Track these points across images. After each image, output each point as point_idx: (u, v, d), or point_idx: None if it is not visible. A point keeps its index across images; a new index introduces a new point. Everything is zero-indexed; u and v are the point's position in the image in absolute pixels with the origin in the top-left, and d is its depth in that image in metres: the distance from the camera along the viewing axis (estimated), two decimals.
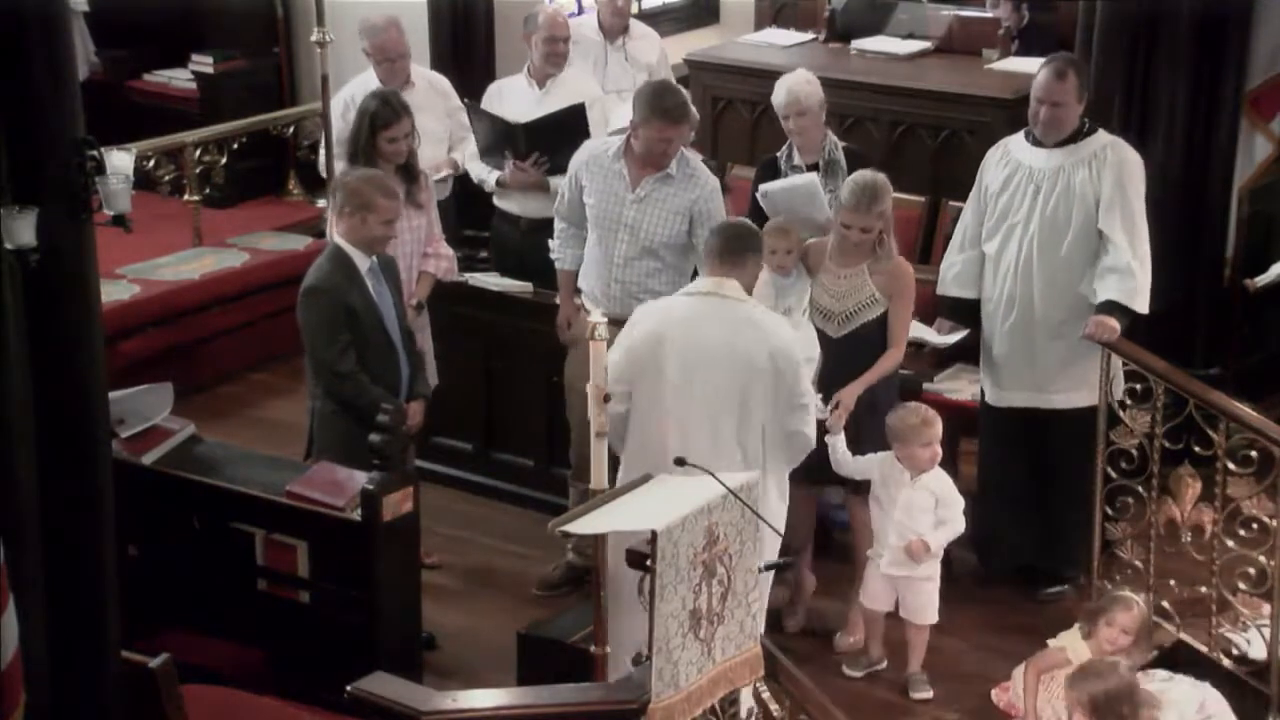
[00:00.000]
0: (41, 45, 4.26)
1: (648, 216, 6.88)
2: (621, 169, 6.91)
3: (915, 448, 6.44)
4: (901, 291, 6.71)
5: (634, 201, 6.88)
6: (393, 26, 8.29)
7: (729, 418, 5.82)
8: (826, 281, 6.75)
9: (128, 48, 10.98)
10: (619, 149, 6.93)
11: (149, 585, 6.09)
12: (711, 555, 4.63)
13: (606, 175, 6.94)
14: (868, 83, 9.47)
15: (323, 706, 5.64)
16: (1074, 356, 6.75)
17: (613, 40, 9.09)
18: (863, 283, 6.70)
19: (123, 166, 4.59)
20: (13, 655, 4.20)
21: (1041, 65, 6.88)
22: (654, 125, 6.75)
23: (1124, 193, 6.73)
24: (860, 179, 6.73)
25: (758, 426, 5.86)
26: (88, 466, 4.53)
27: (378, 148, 7.15)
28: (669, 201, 6.87)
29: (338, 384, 6.45)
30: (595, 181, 6.96)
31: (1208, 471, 6.39)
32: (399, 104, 7.25)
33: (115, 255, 8.50)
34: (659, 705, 4.56)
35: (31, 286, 4.29)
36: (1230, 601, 6.38)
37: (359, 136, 7.18)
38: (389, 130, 7.14)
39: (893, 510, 6.48)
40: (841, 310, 6.72)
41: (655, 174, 6.86)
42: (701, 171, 6.97)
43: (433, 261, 7.30)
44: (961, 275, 7.06)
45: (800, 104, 7.44)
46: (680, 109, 6.81)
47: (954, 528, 6.51)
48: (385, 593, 5.96)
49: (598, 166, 6.97)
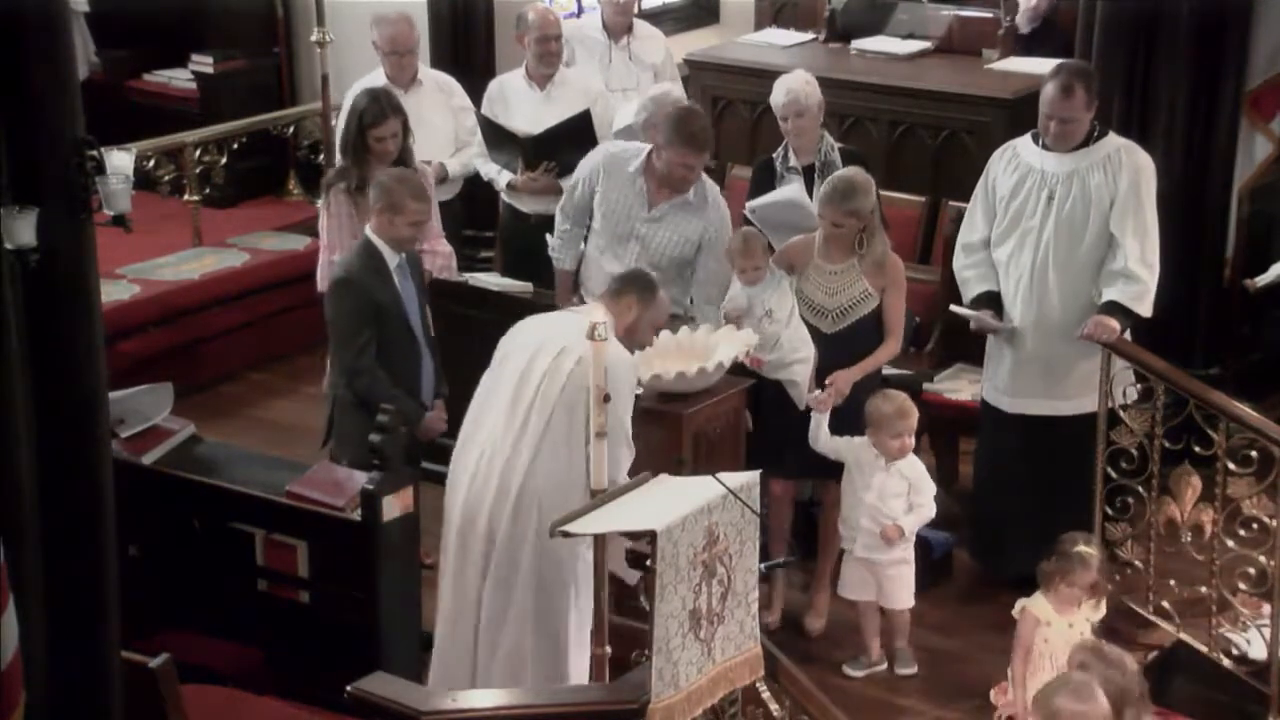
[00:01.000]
0: (41, 45, 4.25)
1: (659, 235, 6.97)
2: (641, 187, 6.95)
3: (885, 437, 6.49)
4: (894, 283, 6.74)
5: (648, 220, 6.95)
6: (404, 20, 8.33)
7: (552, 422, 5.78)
8: (817, 278, 6.77)
9: (128, 48, 10.97)
10: (640, 165, 6.95)
11: (149, 585, 6.09)
12: (711, 555, 4.64)
13: (625, 188, 6.98)
14: (868, 83, 9.46)
15: (323, 706, 5.64)
16: (1089, 363, 6.69)
17: (617, 40, 9.10)
18: (855, 278, 6.71)
19: (123, 166, 4.58)
20: (13, 655, 4.19)
21: (1049, 77, 6.80)
22: (676, 150, 6.80)
23: (1138, 196, 6.71)
24: (839, 174, 6.84)
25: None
26: (88, 466, 4.53)
27: (367, 146, 7.17)
28: (683, 226, 6.96)
29: (354, 378, 6.47)
30: (612, 190, 7.00)
31: (1208, 471, 6.39)
32: (389, 103, 7.26)
33: (115, 255, 8.49)
34: (659, 705, 4.57)
35: (31, 286, 4.28)
36: (1230, 601, 6.38)
37: (349, 134, 7.21)
38: (377, 129, 7.15)
39: (865, 494, 6.53)
40: (835, 306, 6.73)
41: (674, 198, 6.90)
42: (717, 201, 7.02)
43: (428, 258, 7.31)
44: (983, 275, 6.95)
45: (799, 105, 7.45)
46: (704, 136, 6.86)
47: (925, 512, 6.58)
48: (385, 593, 5.95)
49: (618, 176, 7.00)
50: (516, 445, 5.71)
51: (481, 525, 5.75)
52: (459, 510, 5.81)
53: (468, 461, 5.83)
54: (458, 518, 5.81)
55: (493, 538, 5.73)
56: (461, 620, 5.81)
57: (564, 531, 4.85)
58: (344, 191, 7.19)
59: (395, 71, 8.25)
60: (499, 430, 5.77)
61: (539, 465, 5.67)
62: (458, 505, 5.81)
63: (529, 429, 5.70)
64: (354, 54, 8.83)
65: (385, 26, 8.28)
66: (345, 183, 7.18)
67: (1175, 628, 6.55)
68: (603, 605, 5.00)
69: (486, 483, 5.74)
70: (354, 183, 7.15)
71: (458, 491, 5.82)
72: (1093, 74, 6.89)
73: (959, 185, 8.59)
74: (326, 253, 7.29)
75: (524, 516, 5.67)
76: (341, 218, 7.21)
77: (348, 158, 7.22)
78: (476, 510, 5.76)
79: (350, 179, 7.17)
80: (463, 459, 5.86)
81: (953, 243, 7.29)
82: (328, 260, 7.24)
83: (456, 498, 5.83)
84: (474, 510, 5.76)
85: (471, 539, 5.77)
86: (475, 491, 5.76)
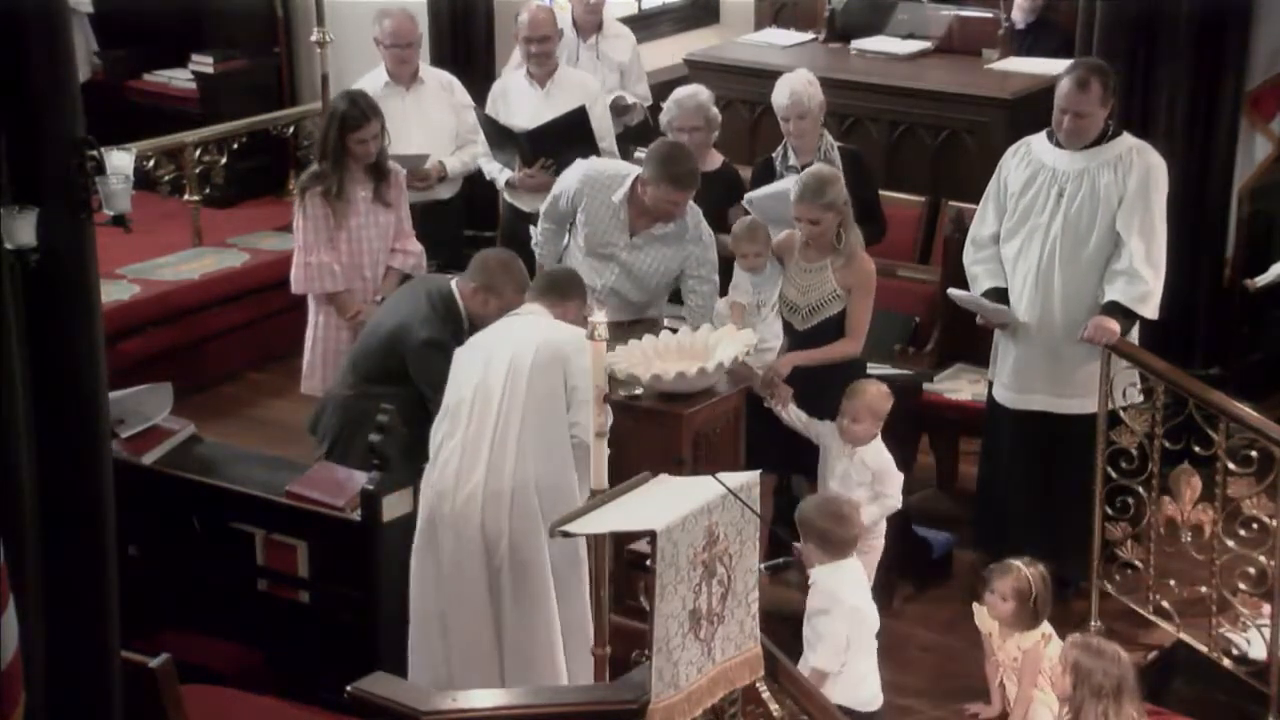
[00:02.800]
0: (41, 45, 4.25)
1: (641, 261, 7.00)
2: (624, 217, 6.96)
3: (845, 419, 6.51)
4: (861, 285, 6.74)
5: (628, 247, 6.97)
6: (406, 14, 8.36)
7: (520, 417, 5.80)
8: (794, 275, 6.82)
9: (128, 48, 10.96)
10: (624, 195, 6.93)
11: (149, 585, 6.09)
12: (711, 555, 4.63)
13: (606, 214, 6.98)
14: (868, 83, 9.47)
15: (323, 706, 5.64)
16: (1094, 363, 6.67)
17: (585, 38, 9.10)
18: (825, 278, 6.74)
19: (123, 166, 4.58)
20: (13, 655, 4.19)
21: (1065, 71, 6.80)
22: (663, 188, 6.80)
23: (1146, 197, 6.69)
24: (807, 173, 6.85)
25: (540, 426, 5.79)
26: (88, 466, 4.53)
27: (347, 148, 7.19)
28: (664, 256, 6.98)
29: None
30: (593, 213, 7.01)
31: (1208, 471, 6.39)
32: (367, 105, 7.27)
33: (115, 255, 8.50)
34: (659, 705, 4.56)
35: (31, 286, 4.28)
36: (1230, 601, 6.38)
37: (328, 137, 7.22)
38: (358, 132, 7.17)
39: (830, 481, 6.57)
40: (805, 304, 6.77)
41: (655, 226, 6.93)
42: (699, 229, 7.01)
43: (399, 257, 7.38)
44: (992, 270, 6.93)
45: (802, 106, 7.46)
46: (691, 177, 6.84)
47: (890, 503, 6.57)
48: (385, 593, 5.96)
49: (600, 202, 6.99)
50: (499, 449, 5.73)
51: (477, 533, 5.75)
52: (447, 521, 5.78)
53: (447, 476, 5.81)
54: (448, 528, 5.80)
55: (496, 543, 5.74)
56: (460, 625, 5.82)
57: (564, 531, 4.84)
58: (320, 195, 7.21)
59: (397, 67, 8.26)
60: (474, 439, 5.78)
61: (527, 464, 5.70)
62: (446, 517, 5.79)
63: (509, 431, 5.73)
64: (354, 54, 8.82)
65: (388, 19, 8.29)
66: (322, 186, 7.20)
67: (1175, 628, 6.55)
68: (603, 605, 5.00)
69: (473, 490, 5.74)
70: (333, 187, 7.18)
71: (444, 502, 5.80)
72: (1109, 71, 6.84)
73: (959, 185, 8.61)
74: (302, 254, 7.31)
75: (528, 515, 5.68)
76: (318, 220, 7.24)
77: (326, 162, 7.22)
78: (468, 515, 5.75)
79: (329, 183, 7.19)
80: (440, 469, 5.85)
81: (952, 243, 7.29)
82: (303, 262, 7.29)
83: (444, 508, 5.80)
84: (467, 519, 5.76)
85: (467, 545, 5.77)
86: (464, 499, 5.76)
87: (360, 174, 7.24)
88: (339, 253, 7.26)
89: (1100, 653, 5.52)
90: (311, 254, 7.25)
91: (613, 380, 6.13)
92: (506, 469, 5.72)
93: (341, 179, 7.18)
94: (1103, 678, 5.41)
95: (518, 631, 5.79)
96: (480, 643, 5.82)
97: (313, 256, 7.24)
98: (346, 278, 7.29)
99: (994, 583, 6.11)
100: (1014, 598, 6.05)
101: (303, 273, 7.29)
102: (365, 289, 7.33)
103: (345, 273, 7.28)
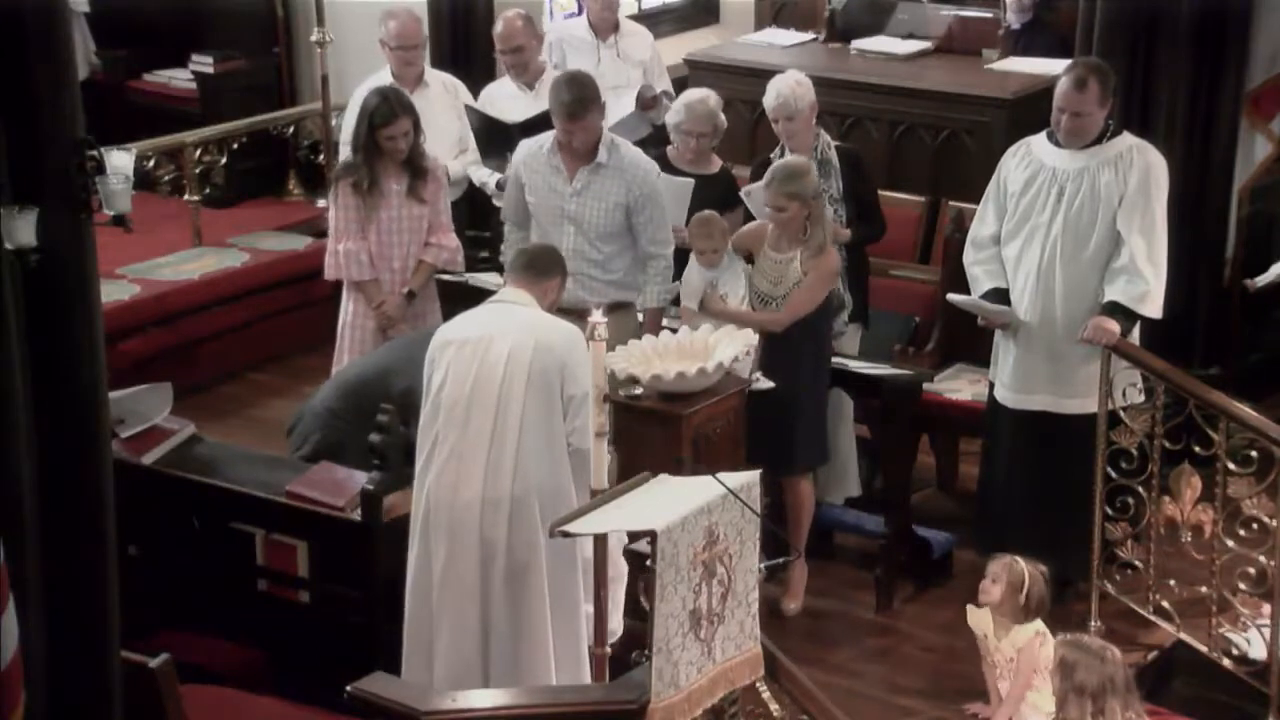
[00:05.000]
0: (41, 45, 4.25)
1: (588, 209, 6.99)
2: (558, 163, 7.02)
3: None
4: (817, 269, 6.78)
5: (573, 195, 7.00)
6: (411, 16, 8.38)
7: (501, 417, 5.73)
8: (765, 266, 6.87)
9: (128, 48, 10.95)
10: (553, 144, 7.02)
11: (149, 585, 6.09)
12: (711, 555, 4.63)
13: (544, 171, 7.05)
14: (868, 83, 9.47)
15: (323, 706, 5.63)
16: (1095, 363, 6.65)
17: (604, 39, 9.11)
18: (793, 270, 6.79)
19: (123, 166, 4.58)
20: (13, 655, 4.19)
21: (1064, 71, 6.79)
22: (557, 123, 6.91)
23: (1146, 196, 6.68)
24: (780, 161, 6.99)
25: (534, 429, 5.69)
26: (88, 466, 4.53)
27: (378, 145, 7.26)
28: (606, 195, 6.97)
29: None
30: (534, 178, 7.08)
31: (1208, 471, 6.39)
32: (398, 102, 7.31)
33: (115, 255, 8.50)
34: (659, 705, 4.57)
35: (31, 286, 4.28)
36: (1230, 601, 6.38)
37: (359, 132, 7.32)
38: (387, 128, 7.22)
39: None
40: (775, 295, 6.82)
41: (587, 164, 6.96)
42: (634, 160, 7.03)
43: (432, 251, 7.43)
44: (992, 271, 6.91)
45: (790, 108, 7.43)
46: (575, 104, 6.85)
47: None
48: (385, 593, 5.96)
49: (536, 163, 7.08)
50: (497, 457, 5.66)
51: (474, 541, 5.71)
52: (444, 527, 5.72)
53: (443, 484, 5.72)
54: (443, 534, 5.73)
55: (493, 551, 5.71)
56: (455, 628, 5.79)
57: (564, 532, 4.84)
58: (350, 185, 7.29)
59: (401, 69, 8.26)
60: (471, 445, 5.69)
61: (527, 472, 5.65)
62: (442, 523, 5.72)
63: (507, 437, 5.66)
64: (354, 54, 8.83)
65: (393, 21, 8.30)
66: (353, 177, 7.29)
67: (1175, 628, 6.55)
68: (603, 605, 5.00)
69: (471, 498, 5.69)
70: (364, 180, 7.26)
71: (441, 510, 5.71)
72: (1108, 71, 6.83)
73: (959, 185, 8.61)
74: (332, 241, 7.43)
75: (527, 524, 5.66)
76: (348, 209, 7.34)
77: (359, 155, 7.32)
78: (466, 522, 5.71)
79: (360, 175, 7.28)
80: (436, 475, 5.75)
81: (952, 243, 7.28)
82: (333, 249, 7.41)
83: (440, 516, 5.73)
84: (464, 526, 5.72)
85: (464, 553, 5.74)
86: (462, 506, 5.70)
87: (394, 168, 7.31)
88: (369, 242, 7.33)
89: (1088, 650, 5.50)
90: (341, 241, 7.36)
91: (613, 380, 6.13)
92: (505, 477, 5.63)
93: (373, 172, 7.27)
94: (1086, 674, 5.38)
95: (506, 642, 5.69)
96: (463, 650, 5.71)
97: (342, 244, 7.35)
98: (375, 267, 7.35)
99: (988, 567, 6.12)
100: (1004, 583, 6.05)
101: (332, 259, 7.42)
102: (394, 280, 7.39)
103: (374, 262, 7.34)
